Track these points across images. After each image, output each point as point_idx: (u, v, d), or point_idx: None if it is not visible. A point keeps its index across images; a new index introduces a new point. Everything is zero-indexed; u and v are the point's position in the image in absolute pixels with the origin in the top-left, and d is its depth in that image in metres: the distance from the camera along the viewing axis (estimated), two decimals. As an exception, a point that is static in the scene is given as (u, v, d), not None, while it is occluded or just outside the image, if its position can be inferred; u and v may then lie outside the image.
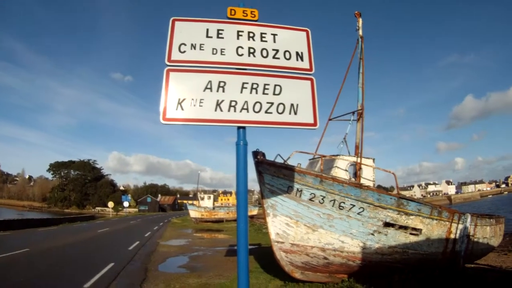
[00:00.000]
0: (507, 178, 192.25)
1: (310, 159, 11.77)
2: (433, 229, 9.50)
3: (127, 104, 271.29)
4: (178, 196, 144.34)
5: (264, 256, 10.78)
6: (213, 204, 52.10)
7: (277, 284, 8.92)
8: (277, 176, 7.85)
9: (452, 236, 10.10)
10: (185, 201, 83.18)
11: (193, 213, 44.52)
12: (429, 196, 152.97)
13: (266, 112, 3.50)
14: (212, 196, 54.66)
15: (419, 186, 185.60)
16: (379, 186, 9.33)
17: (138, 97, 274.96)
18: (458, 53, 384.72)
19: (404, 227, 8.89)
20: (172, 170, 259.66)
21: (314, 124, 3.58)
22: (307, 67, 3.81)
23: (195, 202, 56.17)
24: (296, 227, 8.16)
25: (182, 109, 3.32)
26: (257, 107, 3.48)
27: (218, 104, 3.40)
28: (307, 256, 8.36)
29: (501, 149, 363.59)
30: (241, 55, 3.66)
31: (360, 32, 12.23)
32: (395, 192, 9.16)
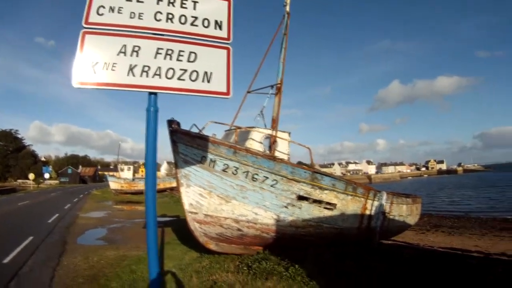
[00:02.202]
0: (427, 162, 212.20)
1: (226, 130, 12.36)
2: (348, 204, 10.48)
3: (50, 70, 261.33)
4: (99, 167, 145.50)
5: (182, 228, 11.40)
6: (133, 175, 52.10)
7: (193, 255, 9.68)
8: (191, 146, 8.27)
9: (368, 212, 11.19)
10: (106, 173, 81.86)
11: (113, 184, 46.10)
12: (349, 174, 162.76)
13: (178, 78, 3.75)
14: (132, 167, 55.22)
15: (339, 164, 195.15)
16: (299, 162, 9.94)
17: (61, 63, 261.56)
18: (389, 39, 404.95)
19: (318, 201, 9.77)
20: (93, 141, 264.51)
21: (227, 93, 3.89)
22: (225, 36, 4.08)
23: (115, 174, 55.62)
24: (209, 198, 8.69)
25: (95, 72, 3.49)
26: (170, 73, 3.72)
27: (130, 69, 3.60)
28: (221, 227, 8.99)
29: (423, 135, 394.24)
30: (159, 20, 3.85)
31: (288, 8, 12.87)
32: (317, 167, 9.72)
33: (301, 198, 9.43)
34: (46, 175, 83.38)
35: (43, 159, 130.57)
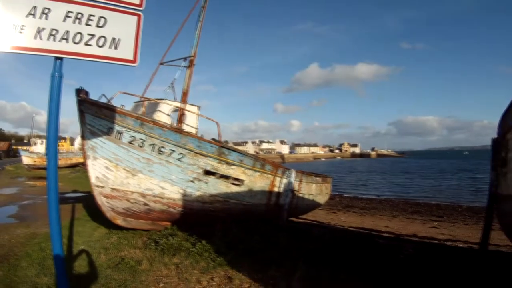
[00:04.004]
0: (341, 145, 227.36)
1: (135, 102, 12.48)
2: (256, 180, 11.09)
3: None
4: (13, 141, 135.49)
5: (93, 204, 11.38)
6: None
7: (102, 232, 9.92)
8: (98, 117, 8.33)
9: (276, 189, 11.86)
10: (20, 147, 77.46)
11: (26, 159, 45.42)
12: (262, 153, 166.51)
13: (86, 44, 3.85)
14: (45, 141, 52.34)
15: (253, 142, 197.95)
16: (213, 139, 10.22)
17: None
18: (312, 22, 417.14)
19: (225, 177, 10.27)
20: (7, 113, 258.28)
21: (134, 61, 4.08)
22: (137, 2, 4.16)
23: (29, 148, 53.58)
24: (116, 171, 8.87)
25: (1, 35, 3.53)
26: (77, 38, 3.82)
27: (38, 32, 3.65)
28: (128, 201, 9.25)
29: (338, 118, 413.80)
30: None
31: None
32: (232, 145, 10.01)
33: (208, 172, 9.83)
34: (-41, 152, 78.64)
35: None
